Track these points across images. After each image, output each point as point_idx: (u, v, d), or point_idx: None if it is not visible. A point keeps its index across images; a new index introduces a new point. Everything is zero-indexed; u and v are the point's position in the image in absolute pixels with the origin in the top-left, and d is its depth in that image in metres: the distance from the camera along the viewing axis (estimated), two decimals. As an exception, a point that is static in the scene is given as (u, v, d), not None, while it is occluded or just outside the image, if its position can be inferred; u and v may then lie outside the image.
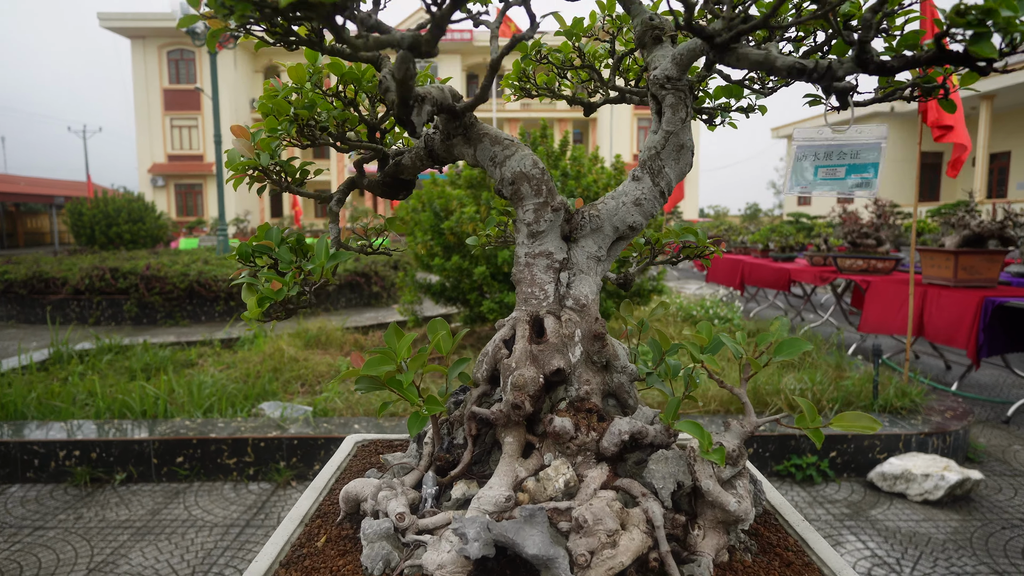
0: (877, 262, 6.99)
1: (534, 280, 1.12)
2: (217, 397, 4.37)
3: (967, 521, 3.31)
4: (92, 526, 3.29)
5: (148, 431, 3.90)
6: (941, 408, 4.28)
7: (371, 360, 1.05)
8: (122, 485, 3.76)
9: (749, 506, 0.93)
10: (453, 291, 6.22)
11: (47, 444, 3.78)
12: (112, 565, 2.90)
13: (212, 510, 3.45)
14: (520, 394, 1.02)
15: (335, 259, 1.08)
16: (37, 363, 5.63)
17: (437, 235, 6.10)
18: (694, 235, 1.26)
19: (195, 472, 3.80)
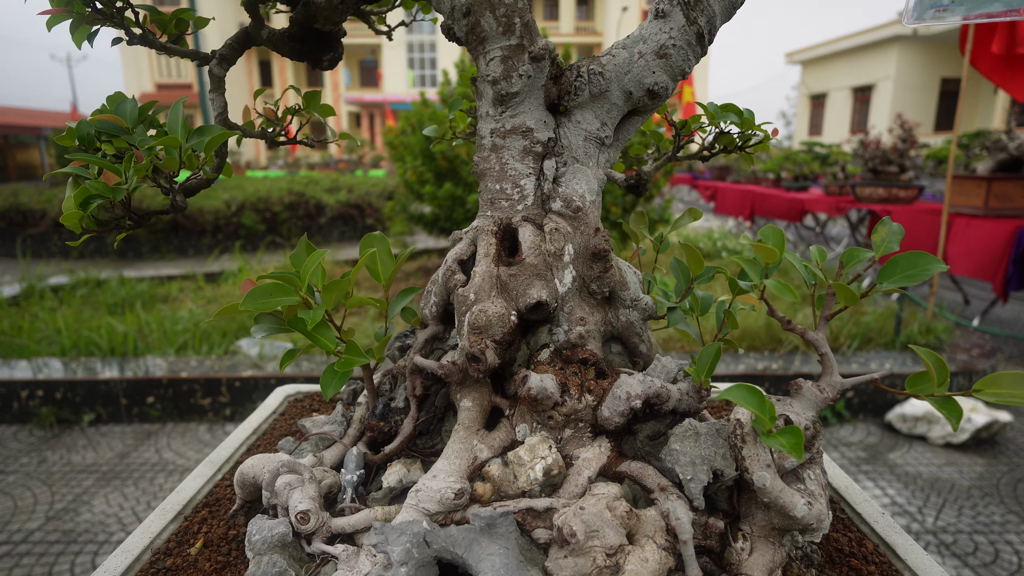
0: (899, 190, 6.55)
1: (504, 171, 0.76)
2: (191, 334, 4.08)
3: (993, 466, 3.07)
4: (55, 470, 3.07)
5: (118, 370, 3.63)
6: (967, 346, 3.98)
7: (260, 288, 0.70)
8: (91, 426, 3.53)
9: (824, 509, 0.60)
10: (446, 221, 5.83)
11: (8, 384, 3.52)
12: (72, 513, 2.69)
13: (185, 453, 3.23)
14: (480, 339, 0.68)
15: (204, 135, 0.71)
16: (8, 298, 5.34)
17: (428, 160, 5.64)
18: (737, 115, 0.88)
19: (167, 413, 3.56)
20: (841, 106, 25.62)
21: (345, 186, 10.38)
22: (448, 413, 0.80)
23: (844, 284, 0.60)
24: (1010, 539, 2.45)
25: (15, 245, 8.73)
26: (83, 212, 0.70)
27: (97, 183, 0.71)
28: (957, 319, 4.69)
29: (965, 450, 3.21)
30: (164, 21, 0.92)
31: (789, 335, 3.81)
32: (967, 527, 2.54)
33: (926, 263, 0.60)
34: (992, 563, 2.30)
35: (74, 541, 2.47)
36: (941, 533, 2.50)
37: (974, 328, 4.69)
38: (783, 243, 0.65)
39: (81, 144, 0.84)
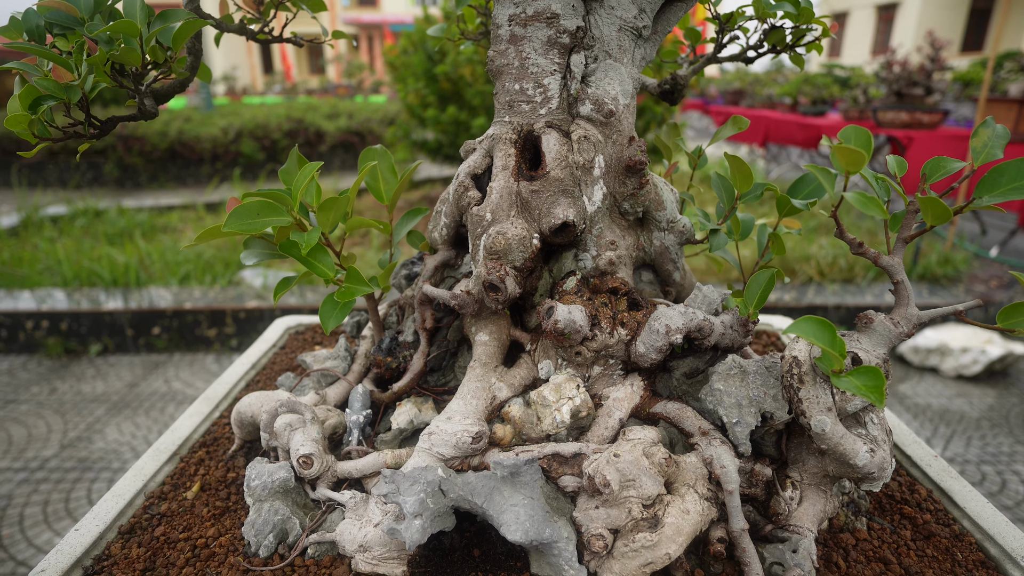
0: (923, 115, 6.26)
1: (525, 68, 0.64)
2: (193, 265, 4.02)
3: (1003, 397, 3.05)
4: (67, 400, 3.09)
5: (122, 301, 3.60)
6: (985, 277, 3.89)
7: (246, 206, 0.61)
8: (99, 357, 3.53)
9: (887, 457, 0.54)
10: (450, 147, 5.62)
11: (13, 315, 3.50)
12: (86, 441, 2.72)
13: (193, 383, 3.24)
14: (499, 265, 0.59)
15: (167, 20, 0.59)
16: (7, 228, 5.26)
17: (430, 82, 5.36)
18: (794, 4, 0.75)
19: (174, 343, 3.55)
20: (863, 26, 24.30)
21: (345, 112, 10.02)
22: (462, 347, 0.73)
23: (934, 198, 0.50)
24: (1017, 469, 2.45)
25: (10, 174, 8.56)
26: (33, 115, 0.60)
27: (47, 80, 0.61)
28: (976, 249, 4.58)
29: (977, 382, 3.19)
30: None
31: (804, 266, 3.72)
32: (975, 457, 2.54)
33: (1034, 171, 0.50)
34: (999, 492, 2.31)
35: (89, 468, 2.50)
36: (949, 463, 2.50)
37: (992, 259, 4.58)
38: (870, 141, 0.54)
39: (30, 38, 0.72)
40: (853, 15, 25.04)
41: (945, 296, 3.56)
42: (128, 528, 0.61)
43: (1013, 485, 2.35)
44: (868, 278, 3.74)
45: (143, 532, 0.60)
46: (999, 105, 5.14)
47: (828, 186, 0.55)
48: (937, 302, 3.47)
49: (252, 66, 31.44)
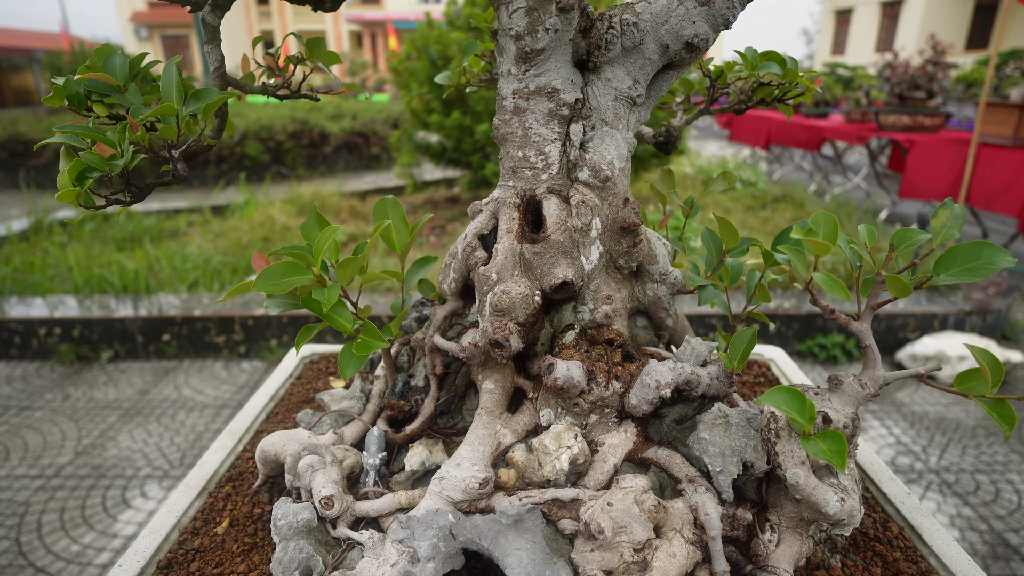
0: (925, 118, 6.27)
1: (527, 137, 0.70)
2: (202, 271, 4.09)
3: (1001, 404, 3.09)
4: (80, 406, 3.17)
5: (132, 308, 3.67)
6: (983, 283, 3.92)
7: (273, 268, 0.67)
8: (110, 363, 3.60)
9: (856, 505, 0.59)
10: (454, 152, 5.67)
11: (27, 322, 3.57)
12: (100, 448, 2.79)
13: (203, 390, 3.31)
14: (503, 324, 0.65)
15: (200, 99, 0.65)
16: (18, 233, 5.33)
17: (434, 87, 5.42)
18: (779, 63, 0.80)
19: (183, 350, 3.62)
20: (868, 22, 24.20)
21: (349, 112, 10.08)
22: (469, 391, 0.78)
23: (896, 277, 0.56)
24: (1011, 479, 2.50)
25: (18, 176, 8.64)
26: (79, 187, 0.66)
27: (92, 154, 0.66)
28: (975, 255, 4.60)
29: (973, 389, 3.23)
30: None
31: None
32: (970, 466, 2.59)
33: (990, 255, 0.55)
34: (992, 502, 2.36)
35: (103, 476, 2.57)
36: (944, 472, 2.55)
37: (992, 264, 4.61)
38: (836, 232, 0.59)
39: (71, 104, 0.78)
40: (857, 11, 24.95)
41: (943, 304, 3.60)
42: (166, 563, 0.67)
43: (1007, 495, 2.40)
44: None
45: (179, 567, 0.66)
46: (1000, 110, 5.16)
47: (801, 266, 0.60)
48: (935, 310, 3.51)
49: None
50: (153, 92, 0.85)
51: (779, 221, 5.36)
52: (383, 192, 7.28)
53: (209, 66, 0.79)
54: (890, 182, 7.52)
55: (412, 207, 6.34)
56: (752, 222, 5.38)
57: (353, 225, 5.54)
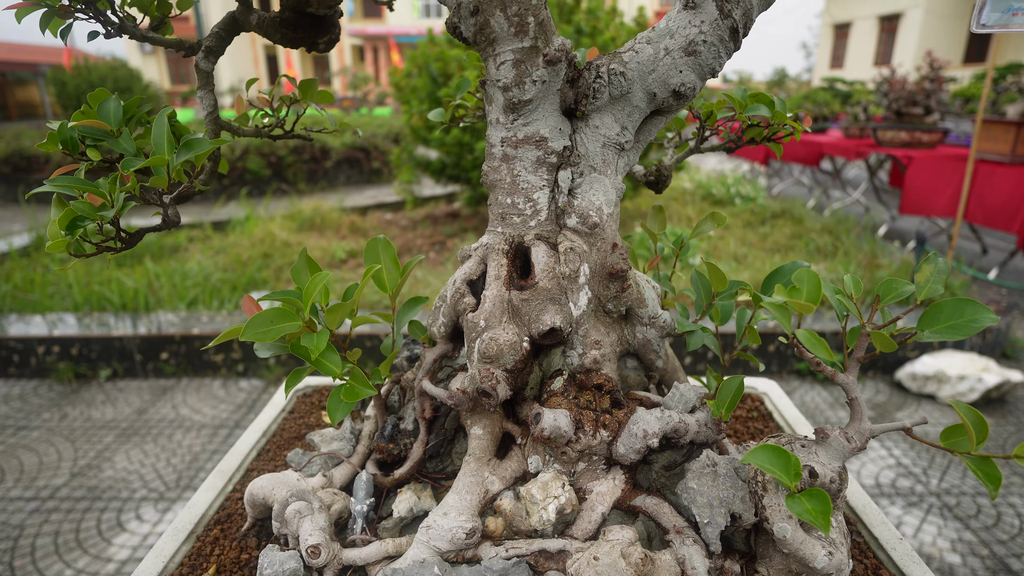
0: (922, 134, 6.30)
1: (516, 184, 0.70)
2: (201, 288, 4.09)
3: (1000, 426, 3.08)
4: (77, 426, 3.16)
5: (131, 325, 3.67)
6: (983, 302, 3.92)
7: (262, 315, 0.67)
8: (108, 382, 3.60)
9: (844, 558, 0.59)
10: (454, 168, 5.70)
11: (25, 340, 3.57)
12: (96, 469, 2.78)
13: (201, 409, 3.30)
14: (490, 372, 0.65)
15: (191, 149, 0.65)
16: (18, 249, 5.35)
17: (435, 104, 5.46)
18: (768, 105, 0.81)
19: (182, 368, 3.62)
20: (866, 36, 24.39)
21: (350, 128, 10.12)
22: (458, 434, 0.78)
23: (881, 333, 0.56)
24: (1013, 502, 2.48)
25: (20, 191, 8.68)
26: (70, 237, 0.66)
27: (83, 203, 0.67)
28: (974, 273, 4.61)
29: (974, 409, 3.22)
30: (145, 4, 0.85)
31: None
32: (971, 489, 2.57)
33: (973, 313, 0.56)
34: (994, 526, 2.34)
35: (99, 498, 2.56)
36: (945, 495, 2.54)
37: (991, 281, 4.61)
38: (819, 291, 0.60)
39: (65, 148, 0.79)
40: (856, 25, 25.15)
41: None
42: (150, 612, 0.66)
43: (1008, 518, 2.38)
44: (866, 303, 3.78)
45: (164, 617, 0.66)
46: (997, 127, 5.18)
47: (785, 323, 0.60)
48: (934, 328, 3.50)
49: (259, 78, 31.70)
50: (147, 134, 0.86)
51: (778, 237, 5.37)
52: (383, 207, 7.31)
53: (203, 110, 0.80)
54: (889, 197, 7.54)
55: (412, 223, 6.36)
56: (751, 238, 5.39)
57: (353, 241, 5.56)
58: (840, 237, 5.22)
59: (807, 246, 5.05)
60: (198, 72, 0.79)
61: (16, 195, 8.72)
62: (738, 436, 0.99)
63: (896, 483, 2.63)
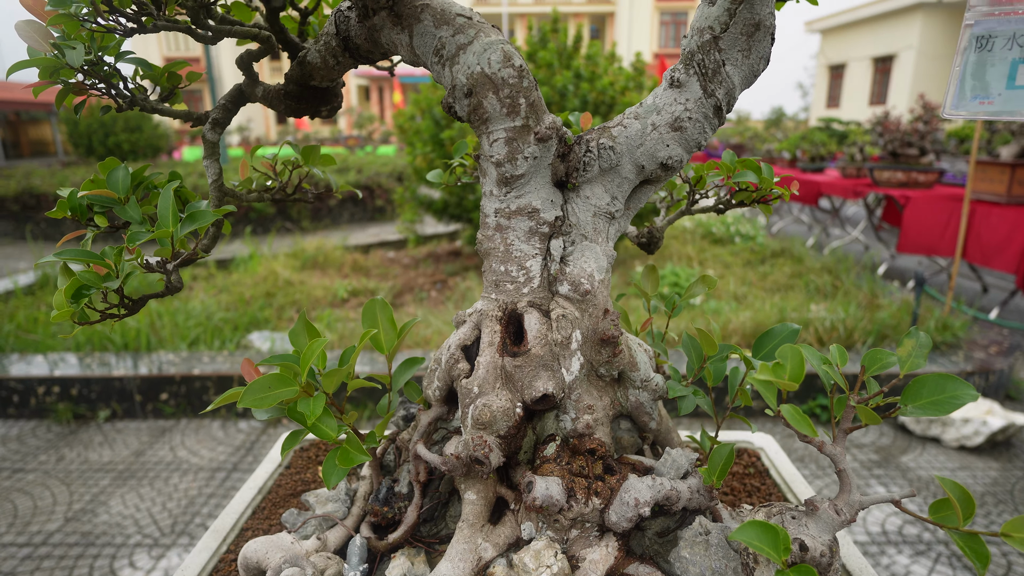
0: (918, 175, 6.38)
1: (509, 253, 0.73)
2: (203, 328, 4.11)
3: (1007, 471, 3.03)
4: (73, 468, 3.13)
5: (132, 365, 3.67)
6: (984, 343, 3.91)
7: (260, 381, 0.68)
8: (107, 422, 3.58)
9: (840, 632, 0.58)
10: (456, 207, 5.78)
11: (26, 380, 3.58)
12: (90, 514, 2.74)
13: (199, 451, 3.28)
14: (483, 441, 0.65)
15: (195, 221, 0.68)
16: (23, 287, 5.40)
17: (437, 146, 5.57)
18: (755, 172, 0.84)
19: (181, 409, 3.61)
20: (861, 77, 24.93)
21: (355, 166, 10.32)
22: (453, 497, 0.78)
23: (866, 408, 0.57)
24: (1023, 550, 2.43)
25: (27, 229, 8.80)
26: (75, 306, 0.68)
27: (89, 273, 0.69)
28: (975, 313, 4.61)
29: (980, 453, 3.18)
30: (156, 76, 0.89)
31: (803, 333, 3.76)
32: (980, 537, 2.52)
33: (954, 390, 0.57)
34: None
35: (92, 544, 2.52)
36: (952, 543, 2.48)
37: (992, 321, 4.60)
38: (802, 368, 0.61)
39: (73, 215, 0.82)
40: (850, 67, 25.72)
41: (944, 364, 3.58)
42: None
43: (1019, 568, 2.33)
44: (868, 344, 3.78)
45: None
46: (992, 168, 5.25)
47: (771, 399, 0.62)
48: (937, 370, 3.49)
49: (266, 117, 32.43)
50: (153, 198, 0.89)
51: (778, 276, 5.39)
52: (386, 245, 7.38)
53: (209, 177, 0.83)
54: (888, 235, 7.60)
55: (414, 261, 6.41)
56: (751, 277, 5.41)
57: (355, 279, 5.60)
58: (840, 276, 5.24)
59: (807, 286, 5.07)
60: (204, 142, 0.82)
61: (24, 233, 8.83)
62: (734, 493, 0.99)
63: (903, 530, 2.58)
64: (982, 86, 0.67)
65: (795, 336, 0.79)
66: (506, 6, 29.80)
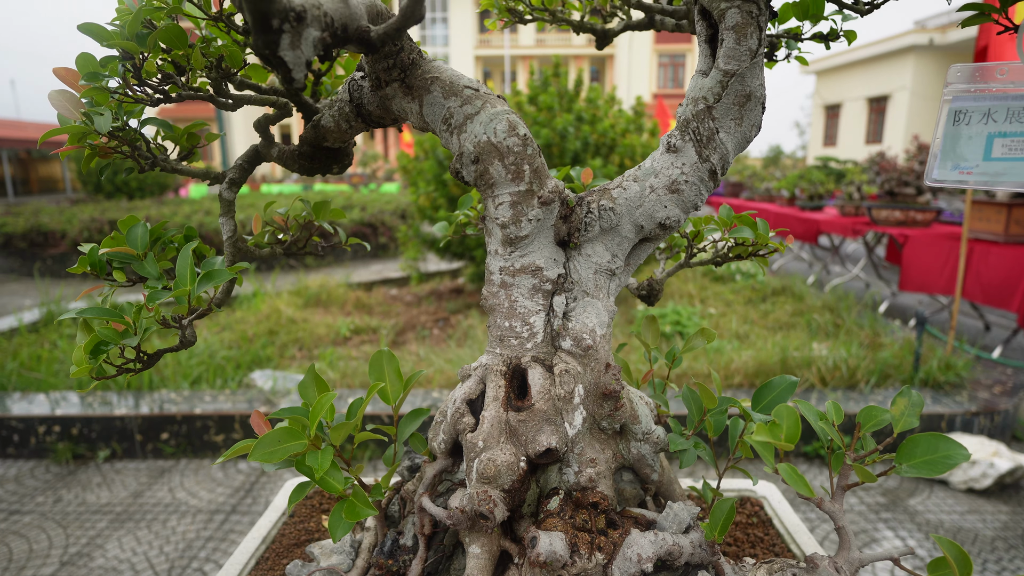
0: (916, 213, 6.45)
1: (513, 309, 0.75)
2: (206, 366, 4.12)
3: (1017, 514, 2.98)
4: (70, 510, 3.10)
5: (133, 404, 3.67)
6: (988, 382, 3.89)
7: (270, 436, 0.70)
8: (106, 462, 3.56)
9: None
10: (458, 246, 5.85)
11: (27, 419, 3.57)
12: (87, 558, 2.70)
13: (197, 492, 3.24)
14: (488, 495, 0.67)
15: (211, 280, 0.71)
16: (28, 325, 5.42)
17: (441, 186, 5.67)
18: (751, 227, 0.87)
19: (182, 449, 3.58)
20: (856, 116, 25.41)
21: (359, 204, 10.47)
22: (457, 550, 0.79)
23: (861, 466, 0.58)
24: (1037, 599, 2.38)
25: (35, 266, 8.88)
26: (94, 362, 0.70)
27: (107, 329, 0.71)
28: (977, 352, 4.60)
29: (988, 496, 3.13)
30: (176, 137, 0.93)
31: (805, 372, 3.75)
32: (993, 583, 2.47)
33: (947, 449, 0.58)
34: (1019, 627, 2.23)
35: (87, 590, 2.48)
36: (965, 591, 2.43)
37: (995, 360, 4.59)
38: (798, 428, 0.63)
39: (94, 270, 0.84)
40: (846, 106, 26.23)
41: (948, 404, 3.56)
42: None
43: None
44: (871, 384, 3.76)
45: None
46: (988, 207, 5.31)
47: (768, 459, 0.63)
48: (941, 411, 3.47)
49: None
50: (170, 251, 0.92)
51: (780, 315, 5.41)
52: (389, 283, 7.42)
53: (223, 234, 0.86)
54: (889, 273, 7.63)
55: (417, 298, 6.45)
56: (753, 315, 5.43)
57: (357, 317, 5.62)
58: (841, 314, 5.25)
59: (809, 324, 5.07)
60: (221, 201, 0.86)
61: (31, 269, 8.91)
62: (737, 544, 0.99)
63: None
64: (961, 157, 0.71)
65: (793, 388, 0.80)
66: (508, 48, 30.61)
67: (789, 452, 3.41)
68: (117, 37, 0.69)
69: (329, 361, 4.27)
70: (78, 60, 0.71)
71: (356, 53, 0.73)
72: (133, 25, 0.66)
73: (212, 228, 8.58)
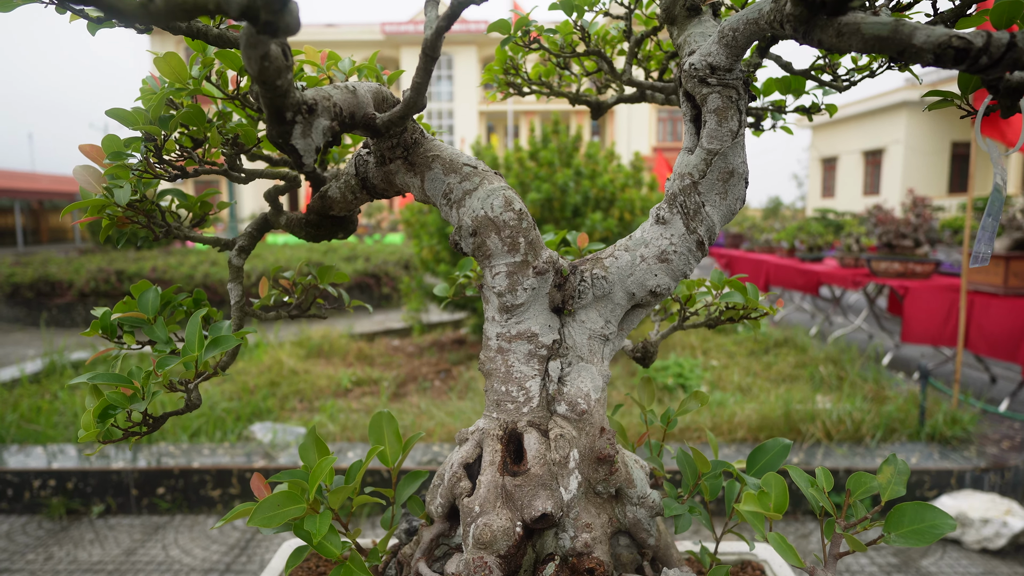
0: (915, 265, 6.50)
1: (510, 374, 0.77)
2: (205, 419, 4.09)
3: (1035, 575, 2.89)
4: (61, 568, 3.03)
5: (131, 458, 3.63)
6: (996, 436, 3.84)
7: (269, 500, 0.71)
8: (99, 518, 3.50)
9: None
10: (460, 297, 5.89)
11: (23, 473, 3.53)
12: (74, 620, 2.62)
13: (192, 550, 3.17)
14: (484, 563, 0.67)
15: (219, 346, 0.73)
16: (30, 375, 5.42)
17: (443, 238, 5.77)
18: (740, 292, 0.90)
19: (177, 504, 3.52)
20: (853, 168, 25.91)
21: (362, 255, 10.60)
22: (452, 619, 0.78)
23: (851, 535, 0.59)
24: (1060, 669, 2.28)
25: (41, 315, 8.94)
26: (102, 426, 0.72)
27: (116, 393, 0.74)
28: (984, 406, 4.55)
29: (1003, 557, 3.04)
30: (190, 205, 0.98)
31: (810, 426, 3.71)
32: (1012, 652, 2.37)
33: (933, 519, 0.59)
34: None
35: (73, 655, 2.40)
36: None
37: (1002, 414, 4.53)
38: (786, 498, 0.64)
39: (104, 333, 0.87)
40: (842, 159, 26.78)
41: (956, 460, 3.50)
42: None
43: None
44: (877, 438, 3.71)
45: None
46: (986, 260, 5.33)
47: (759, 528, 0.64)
48: (950, 466, 3.41)
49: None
50: (178, 314, 0.95)
51: (782, 366, 5.38)
52: (391, 334, 7.43)
53: (231, 299, 0.89)
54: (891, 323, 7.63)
55: (418, 349, 6.44)
56: (756, 367, 5.40)
57: (359, 369, 5.61)
58: (844, 367, 5.22)
59: (812, 376, 5.04)
60: (230, 267, 0.90)
61: (36, 319, 8.97)
62: (740, 612, 0.97)
63: (929, 645, 2.43)
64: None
65: (787, 452, 0.81)
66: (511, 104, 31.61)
67: (797, 506, 3.33)
68: (142, 119, 0.74)
69: (330, 414, 4.24)
70: (104, 141, 0.76)
71: (362, 136, 0.78)
72: (157, 109, 0.71)
73: (217, 279, 8.68)
